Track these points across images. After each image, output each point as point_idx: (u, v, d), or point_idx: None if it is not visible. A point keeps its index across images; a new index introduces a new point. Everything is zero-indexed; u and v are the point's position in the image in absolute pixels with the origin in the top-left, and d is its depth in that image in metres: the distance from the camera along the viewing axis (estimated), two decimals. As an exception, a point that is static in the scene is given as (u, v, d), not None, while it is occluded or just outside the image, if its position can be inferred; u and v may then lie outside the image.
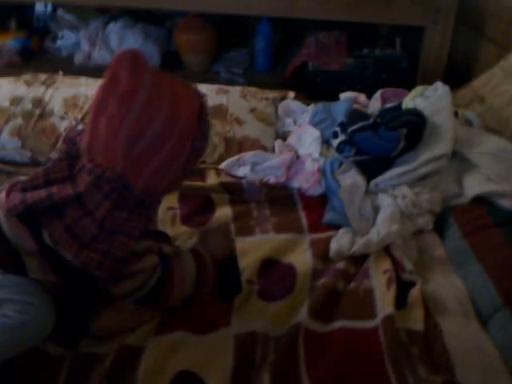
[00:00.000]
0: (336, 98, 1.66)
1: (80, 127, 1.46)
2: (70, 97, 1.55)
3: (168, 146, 0.82)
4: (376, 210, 1.24)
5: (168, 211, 1.26)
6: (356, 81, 2.00)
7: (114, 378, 0.83)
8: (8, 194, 0.86)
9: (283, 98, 1.68)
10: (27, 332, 0.83)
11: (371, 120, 1.38)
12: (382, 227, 1.17)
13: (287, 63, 2.25)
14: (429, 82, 1.59)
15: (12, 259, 0.85)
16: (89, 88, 1.60)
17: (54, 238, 0.81)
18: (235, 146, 1.45)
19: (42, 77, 1.64)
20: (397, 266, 1.10)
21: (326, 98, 1.65)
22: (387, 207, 1.22)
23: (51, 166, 0.87)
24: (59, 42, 2.46)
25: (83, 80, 1.66)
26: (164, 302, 0.93)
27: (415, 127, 1.30)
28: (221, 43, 2.39)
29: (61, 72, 1.73)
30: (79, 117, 1.48)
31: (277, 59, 2.36)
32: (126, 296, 0.89)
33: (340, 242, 1.16)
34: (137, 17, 2.45)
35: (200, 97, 0.89)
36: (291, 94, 1.69)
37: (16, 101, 1.52)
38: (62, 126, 1.46)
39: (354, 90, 1.75)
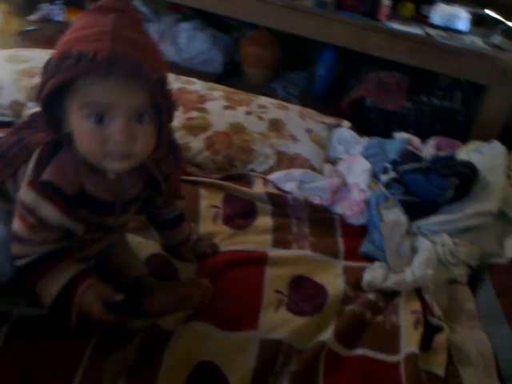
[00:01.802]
0: (386, 137, 1.68)
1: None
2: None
3: None
4: (414, 251, 1.25)
5: (211, 208, 1.29)
6: (409, 124, 2.02)
7: (143, 354, 0.85)
8: None
9: (338, 126, 1.71)
10: None
11: (424, 164, 1.41)
12: (418, 269, 1.18)
13: (342, 93, 2.29)
14: (482, 139, 1.61)
15: None
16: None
17: None
18: (286, 160, 1.48)
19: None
20: (426, 309, 1.11)
21: (376, 134, 1.68)
22: (425, 251, 1.23)
23: None
24: (130, 32, 2.55)
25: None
26: None
27: (466, 179, 1.32)
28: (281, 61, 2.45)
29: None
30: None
31: (332, 87, 2.41)
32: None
33: (374, 274, 1.17)
34: (208, 21, 2.53)
35: None
36: (346, 123, 1.72)
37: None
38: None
39: (406, 132, 1.78)
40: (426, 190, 1.32)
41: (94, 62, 0.70)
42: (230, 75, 2.43)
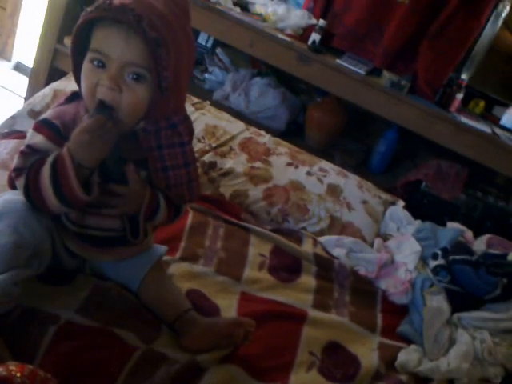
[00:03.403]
0: (434, 223, 1.69)
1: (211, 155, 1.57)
2: (211, 125, 1.69)
3: None
4: (451, 341, 1.24)
5: (259, 256, 1.32)
6: (460, 217, 2.03)
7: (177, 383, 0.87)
8: None
9: (393, 203, 1.74)
10: None
11: (474, 257, 1.41)
12: (454, 360, 1.17)
13: (396, 172, 2.33)
14: (535, 246, 1.60)
15: None
16: (229, 124, 1.73)
17: None
18: (339, 226, 1.51)
19: (194, 99, 1.80)
20: (456, 403, 1.10)
21: (425, 218, 1.69)
22: (463, 344, 1.22)
23: None
24: (206, 76, 2.68)
25: (226, 115, 1.80)
26: None
27: (516, 281, 1.31)
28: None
29: (208, 101, 1.89)
30: (214, 144, 1.61)
31: (388, 165, 2.44)
32: None
33: (408, 356, 1.16)
34: (280, 80, 2.64)
35: None
36: (401, 203, 1.75)
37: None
38: (196, 147, 1.58)
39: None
40: (473, 284, 1.32)
41: (107, 7, 0.79)
42: (291, 134, 2.50)
